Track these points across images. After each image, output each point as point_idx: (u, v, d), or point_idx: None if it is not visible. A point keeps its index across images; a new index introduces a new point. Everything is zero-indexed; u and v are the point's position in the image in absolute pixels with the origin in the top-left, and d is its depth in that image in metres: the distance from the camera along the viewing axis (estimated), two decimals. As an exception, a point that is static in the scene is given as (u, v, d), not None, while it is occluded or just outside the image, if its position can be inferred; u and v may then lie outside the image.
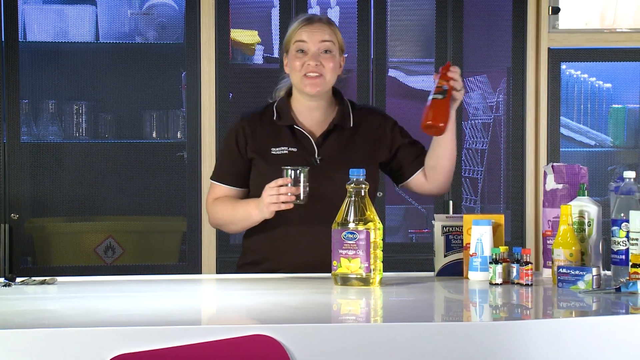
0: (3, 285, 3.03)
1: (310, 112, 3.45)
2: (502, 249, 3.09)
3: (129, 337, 2.30)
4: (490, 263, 3.08)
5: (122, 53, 4.95)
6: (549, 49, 4.96)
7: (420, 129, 3.26)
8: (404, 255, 4.96)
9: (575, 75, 5.22)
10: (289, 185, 3.20)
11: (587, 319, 2.59)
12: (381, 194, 4.89)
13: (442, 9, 4.95)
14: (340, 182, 3.30)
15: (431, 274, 3.31)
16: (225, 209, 3.42)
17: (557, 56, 4.97)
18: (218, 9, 4.83)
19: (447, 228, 3.29)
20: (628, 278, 2.94)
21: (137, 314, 2.59)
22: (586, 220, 3.14)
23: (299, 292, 2.98)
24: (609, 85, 5.26)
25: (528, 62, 4.97)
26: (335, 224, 3.05)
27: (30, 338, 2.30)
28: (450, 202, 4.96)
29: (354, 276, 3.02)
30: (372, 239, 3.01)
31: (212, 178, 3.51)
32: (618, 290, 2.88)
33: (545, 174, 3.28)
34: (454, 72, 3.28)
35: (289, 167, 3.21)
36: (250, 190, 3.44)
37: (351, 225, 3.02)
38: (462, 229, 3.26)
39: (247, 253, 3.49)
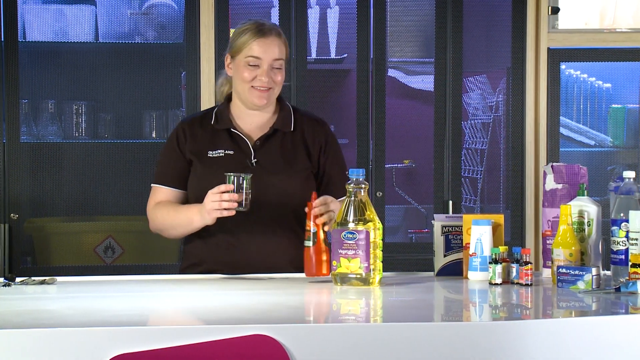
0: (3, 285, 3.03)
1: (250, 117, 3.46)
2: (502, 248, 3.09)
3: (128, 337, 2.30)
4: (490, 263, 3.08)
5: (121, 53, 4.95)
6: (548, 48, 4.96)
7: None
8: (404, 255, 4.96)
9: (574, 75, 5.22)
10: (232, 192, 3.19)
11: (587, 319, 2.60)
12: (380, 193, 4.89)
13: (441, 8, 4.95)
14: (275, 185, 3.33)
15: (431, 273, 3.31)
16: (166, 214, 3.41)
17: (557, 56, 4.97)
18: (218, 9, 4.83)
19: (446, 228, 3.29)
20: (628, 278, 2.94)
21: (136, 314, 2.59)
22: (586, 220, 3.14)
23: (299, 292, 2.98)
24: (608, 85, 5.26)
25: (527, 62, 4.97)
26: (334, 224, 3.05)
27: (29, 338, 2.29)
28: (450, 202, 4.96)
29: (354, 276, 3.02)
30: (371, 239, 3.02)
31: (152, 182, 3.49)
32: (618, 290, 2.88)
33: (544, 173, 3.28)
34: (317, 207, 3.18)
35: (231, 174, 3.20)
36: (188, 193, 3.45)
37: (351, 225, 3.02)
38: (461, 229, 3.26)
39: (187, 257, 3.50)
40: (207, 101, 4.81)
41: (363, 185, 3.07)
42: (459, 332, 2.42)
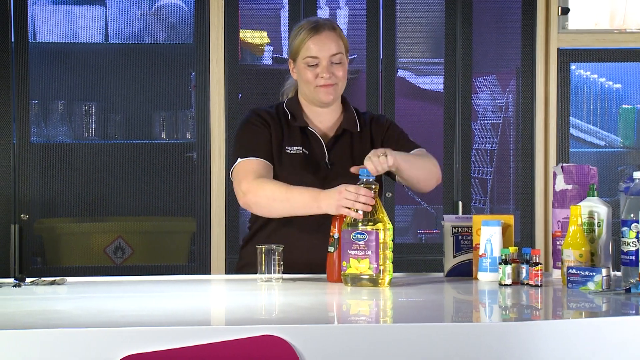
0: (13, 286, 3.04)
1: (319, 116, 3.45)
2: (512, 249, 3.09)
3: (138, 338, 2.31)
4: (500, 264, 3.08)
5: (131, 54, 4.96)
6: (558, 49, 4.96)
7: None
8: (414, 256, 4.95)
9: (584, 76, 5.21)
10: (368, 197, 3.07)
11: (597, 320, 2.59)
12: (390, 194, 4.88)
13: (451, 9, 4.95)
14: None
15: (440, 274, 3.31)
16: (278, 187, 3.25)
17: (567, 56, 4.97)
18: (227, 10, 4.83)
19: (456, 228, 3.29)
20: (638, 279, 2.93)
21: (146, 315, 2.60)
22: (596, 221, 3.14)
23: (309, 292, 2.98)
24: (618, 85, 5.25)
25: (537, 63, 4.97)
26: (345, 225, 3.05)
27: (39, 338, 2.30)
28: (460, 203, 4.96)
29: (364, 277, 3.02)
30: (381, 240, 3.01)
31: (242, 156, 3.34)
32: (628, 291, 2.88)
33: (554, 174, 3.27)
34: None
35: (263, 246, 3.14)
36: None
37: (361, 226, 3.02)
38: (471, 230, 3.26)
39: (245, 255, 3.46)
40: (216, 102, 4.82)
41: (373, 186, 3.08)
42: (469, 333, 2.42)
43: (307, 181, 3.31)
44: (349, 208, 3.07)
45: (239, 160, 3.35)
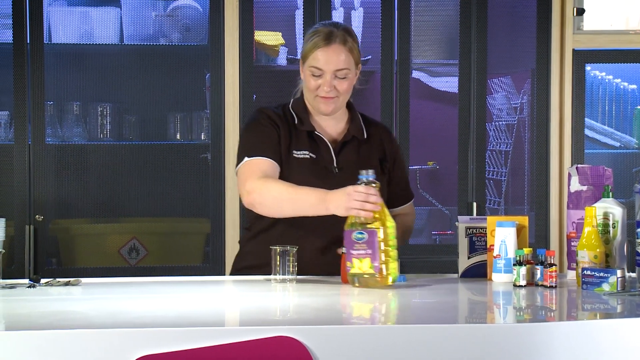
0: (28, 287, 3.05)
1: (325, 121, 3.44)
2: (526, 250, 3.09)
3: (153, 339, 2.31)
4: (514, 265, 3.07)
5: (146, 55, 4.97)
6: (573, 50, 4.94)
7: None
8: (428, 257, 4.95)
9: (600, 77, 5.20)
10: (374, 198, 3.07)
11: (612, 321, 2.58)
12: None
13: (466, 10, 4.94)
14: None
15: (455, 275, 3.31)
16: (284, 186, 3.23)
17: (582, 57, 4.95)
18: (242, 11, 4.83)
19: (470, 229, 3.29)
20: (653, 280, 2.93)
21: (161, 315, 2.60)
22: (611, 222, 3.13)
23: (322, 293, 2.98)
24: (634, 86, 5.24)
25: (552, 64, 4.95)
26: (347, 225, 3.06)
27: (54, 339, 2.31)
28: (474, 204, 4.95)
29: (366, 276, 3.02)
30: (380, 238, 3.00)
31: (249, 155, 3.32)
32: (643, 292, 2.88)
33: (569, 175, 3.27)
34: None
35: (278, 247, 3.14)
36: None
37: (360, 226, 3.02)
38: (485, 231, 3.26)
39: (247, 256, 3.45)
40: (231, 103, 4.82)
41: (374, 185, 3.07)
42: (483, 335, 2.42)
43: (314, 186, 3.27)
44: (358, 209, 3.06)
45: (246, 159, 3.33)
